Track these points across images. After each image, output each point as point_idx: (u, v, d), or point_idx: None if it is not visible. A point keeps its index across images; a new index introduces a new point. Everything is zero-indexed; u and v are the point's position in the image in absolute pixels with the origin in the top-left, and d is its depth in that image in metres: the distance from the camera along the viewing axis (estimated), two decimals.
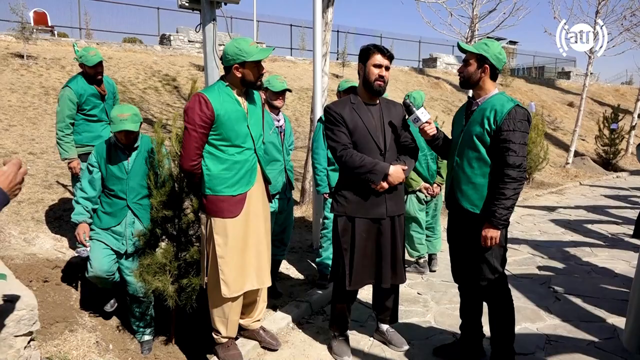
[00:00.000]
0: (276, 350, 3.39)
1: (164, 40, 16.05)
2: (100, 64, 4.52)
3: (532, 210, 8.64)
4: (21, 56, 10.05)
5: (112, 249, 3.56)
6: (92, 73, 4.52)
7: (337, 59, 17.84)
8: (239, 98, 3.03)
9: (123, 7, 19.03)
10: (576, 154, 14.24)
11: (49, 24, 14.34)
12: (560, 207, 8.93)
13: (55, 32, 14.83)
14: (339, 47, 21.94)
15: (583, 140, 16.49)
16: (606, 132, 14.35)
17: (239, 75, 2.95)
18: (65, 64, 10.45)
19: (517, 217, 7.94)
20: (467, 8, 11.07)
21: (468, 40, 10.73)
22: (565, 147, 14.33)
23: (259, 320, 3.45)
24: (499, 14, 11.20)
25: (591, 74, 14.08)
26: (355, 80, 4.76)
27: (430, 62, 23.13)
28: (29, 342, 2.04)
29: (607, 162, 14.36)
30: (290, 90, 4.22)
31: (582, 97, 13.42)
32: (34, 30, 11.90)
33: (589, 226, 7.39)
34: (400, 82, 17.35)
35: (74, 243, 4.75)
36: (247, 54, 2.89)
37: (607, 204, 9.34)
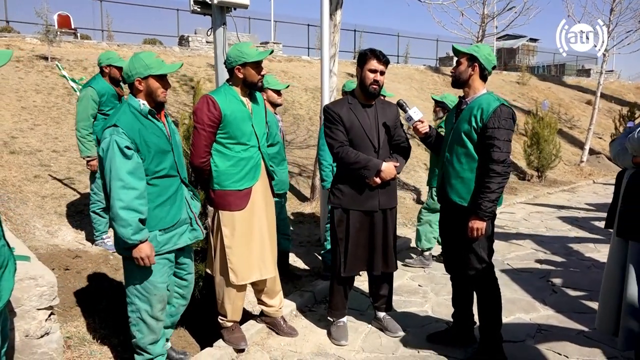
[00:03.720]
0: (293, 337, 3.63)
1: (183, 41, 16.40)
2: None
3: (541, 208, 8.71)
4: (45, 58, 10.45)
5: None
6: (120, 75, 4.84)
7: (354, 58, 18.01)
8: (244, 99, 3.26)
9: (143, 9, 19.52)
10: (592, 152, 14.17)
11: (72, 27, 14.82)
12: (570, 205, 8.98)
13: (78, 35, 15.29)
14: (355, 46, 22.18)
15: (600, 138, 16.36)
16: (622, 130, 14.25)
17: (241, 76, 3.18)
18: (87, 65, 10.83)
19: (525, 215, 8.05)
20: (478, 8, 11.17)
21: (479, 39, 10.82)
22: (581, 146, 14.26)
23: (281, 309, 3.69)
24: (510, 12, 11.28)
25: (610, 71, 14.01)
26: None
27: (447, 60, 23.14)
28: (49, 316, 2.31)
29: None
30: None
31: (597, 95, 13.37)
32: (58, 33, 12.33)
33: (596, 223, 7.45)
34: (415, 81, 17.43)
35: (92, 235, 5.04)
36: (248, 56, 3.13)
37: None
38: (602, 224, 7.32)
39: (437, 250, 5.56)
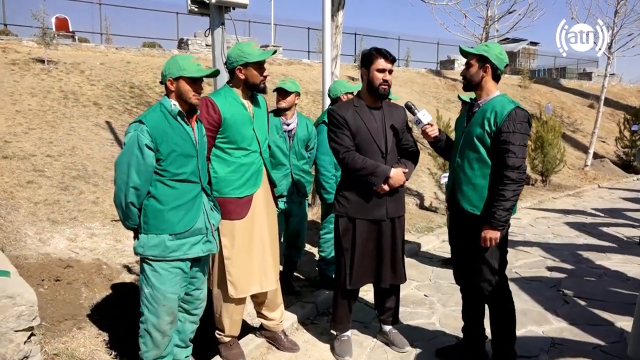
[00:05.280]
0: (294, 352, 3.43)
1: (182, 44, 16.27)
2: None
3: (547, 213, 8.53)
4: (42, 61, 10.29)
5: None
6: None
7: (355, 62, 17.88)
8: (245, 102, 3.09)
9: (142, 12, 19.38)
10: (596, 156, 14.01)
11: (70, 30, 14.66)
12: (576, 210, 8.80)
13: (76, 38, 15.13)
14: (356, 49, 22.03)
15: (603, 142, 16.21)
16: (627, 133, 14.09)
17: (242, 77, 3.01)
18: (84, 69, 10.67)
19: (531, 220, 7.87)
20: (481, 10, 11.02)
21: (482, 41, 10.67)
22: (585, 149, 14.11)
23: (282, 322, 3.50)
24: (514, 15, 11.15)
25: (612, 74, 13.89)
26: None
27: (448, 64, 22.99)
28: (29, 337, 2.13)
29: (628, 164, 14.07)
30: (292, 93, 4.08)
31: (601, 99, 13.22)
32: (55, 36, 12.16)
33: (604, 229, 7.28)
34: (416, 85, 17.27)
35: (86, 243, 4.87)
36: (249, 56, 2.96)
37: (625, 206, 9.18)
38: (610, 230, 7.19)
39: (443, 253, 5.40)
